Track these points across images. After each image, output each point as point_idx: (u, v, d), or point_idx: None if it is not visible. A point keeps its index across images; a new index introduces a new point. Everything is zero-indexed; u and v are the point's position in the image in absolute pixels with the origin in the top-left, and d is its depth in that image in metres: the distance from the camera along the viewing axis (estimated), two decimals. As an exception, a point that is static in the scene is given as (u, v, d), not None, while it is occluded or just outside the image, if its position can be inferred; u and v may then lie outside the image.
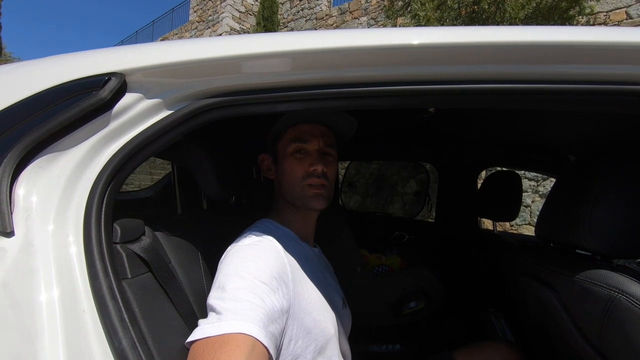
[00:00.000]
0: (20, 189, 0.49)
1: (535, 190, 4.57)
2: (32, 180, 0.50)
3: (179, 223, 0.81)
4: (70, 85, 0.55)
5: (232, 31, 11.43)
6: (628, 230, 0.69)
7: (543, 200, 4.45)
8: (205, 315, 0.58)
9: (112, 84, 0.55)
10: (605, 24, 5.52)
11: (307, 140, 0.79)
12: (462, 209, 1.92)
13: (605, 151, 0.77)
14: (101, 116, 0.55)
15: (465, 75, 0.57)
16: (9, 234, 0.47)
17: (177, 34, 13.47)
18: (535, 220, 0.93)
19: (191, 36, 12.51)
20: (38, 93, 0.54)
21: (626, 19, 5.48)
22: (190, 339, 0.53)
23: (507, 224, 4.42)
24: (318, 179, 0.77)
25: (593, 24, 5.19)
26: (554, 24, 4.18)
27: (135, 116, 0.57)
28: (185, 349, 0.53)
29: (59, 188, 0.51)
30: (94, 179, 0.54)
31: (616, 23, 5.49)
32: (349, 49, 0.56)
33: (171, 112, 0.59)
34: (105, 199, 0.54)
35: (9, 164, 0.49)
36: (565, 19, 4.26)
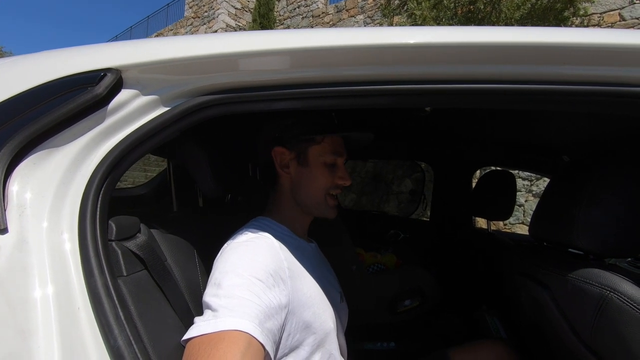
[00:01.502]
0: (14, 185, 0.49)
1: (529, 190, 4.61)
2: (26, 177, 0.50)
3: (175, 220, 0.80)
4: (65, 80, 0.54)
5: (228, 28, 11.37)
6: (621, 230, 0.70)
7: (536, 200, 4.49)
8: (201, 313, 0.58)
9: (108, 80, 0.54)
10: (599, 25, 5.57)
11: (341, 154, 0.82)
12: (457, 208, 1.93)
13: (599, 152, 0.78)
14: (97, 112, 0.54)
15: (461, 76, 0.58)
16: (3, 230, 0.46)
17: (172, 29, 13.36)
18: (528, 219, 0.94)
19: (186, 32, 12.41)
20: (32, 88, 0.54)
21: (619, 21, 5.54)
22: (186, 336, 0.53)
23: (501, 222, 4.46)
24: (339, 191, 0.82)
25: (587, 25, 5.23)
26: (548, 25, 4.21)
27: (131, 113, 0.57)
28: (182, 346, 0.53)
29: (53, 185, 0.51)
30: (89, 176, 0.53)
31: (609, 25, 5.54)
32: (346, 48, 0.56)
33: (168, 109, 0.59)
34: (100, 196, 0.53)
35: (3, 160, 0.48)
36: (560, 20, 4.29)
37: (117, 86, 0.55)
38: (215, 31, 11.17)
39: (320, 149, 0.80)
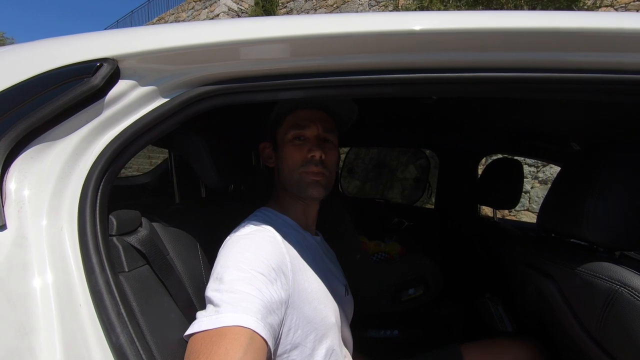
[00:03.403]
0: (12, 180, 0.48)
1: (535, 176, 4.57)
2: (24, 172, 0.49)
3: (177, 213, 0.79)
4: (60, 71, 0.52)
5: (230, 11, 11.16)
6: (632, 223, 0.69)
7: (543, 186, 4.45)
8: (204, 307, 0.57)
9: (104, 70, 0.52)
10: (611, 6, 5.39)
11: (306, 126, 0.78)
12: (462, 196, 1.91)
13: (609, 140, 0.76)
14: (94, 104, 0.53)
15: (469, 63, 0.55)
16: (1, 227, 0.45)
17: (173, 13, 13.15)
18: (534, 206, 0.92)
19: (188, 16, 12.22)
20: (27, 80, 0.52)
21: (634, 1, 5.36)
22: (188, 332, 0.53)
23: (506, 210, 4.43)
24: (316, 167, 0.76)
25: (599, 6, 5.07)
26: (559, 6, 4.08)
27: (130, 104, 0.55)
28: (185, 341, 0.53)
29: (51, 179, 0.50)
30: (87, 170, 0.52)
31: (623, 5, 5.36)
32: (351, 35, 0.54)
33: (167, 100, 0.57)
34: (100, 190, 0.52)
35: None
36: (571, 1, 4.16)
37: (114, 77, 0.54)
38: (217, 15, 10.99)
39: (283, 129, 0.80)
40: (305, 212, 0.84)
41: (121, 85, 0.55)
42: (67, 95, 0.51)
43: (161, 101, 0.57)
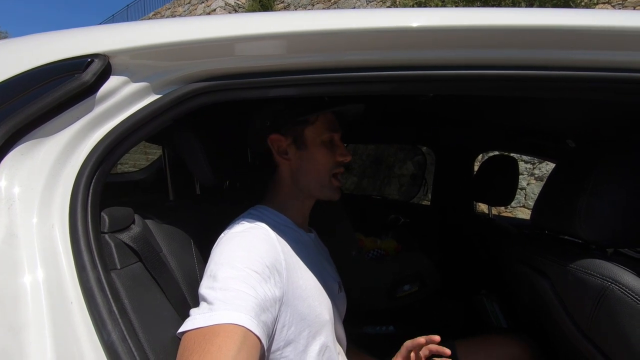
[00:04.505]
0: (1, 177, 0.47)
1: (531, 173, 4.58)
2: (14, 169, 0.48)
3: (171, 210, 0.79)
4: (50, 67, 0.52)
5: (227, 6, 11.08)
6: (624, 221, 0.69)
7: (538, 183, 4.46)
8: (197, 304, 0.57)
9: (95, 66, 0.52)
10: (609, 2, 5.39)
11: (337, 130, 0.80)
12: (458, 193, 1.92)
13: (605, 138, 0.76)
14: (84, 101, 0.52)
15: (466, 61, 0.55)
16: None
17: (169, 8, 13.04)
18: (530, 202, 0.92)
19: (184, 10, 12.12)
20: (17, 75, 0.52)
21: (631, -2, 5.35)
22: (181, 329, 0.52)
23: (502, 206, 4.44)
24: (341, 170, 0.81)
25: (597, 4, 5.07)
26: (557, 3, 4.08)
27: (121, 101, 0.54)
28: (177, 339, 0.53)
29: (42, 176, 0.49)
30: (79, 167, 0.52)
31: (620, 3, 5.36)
32: (345, 32, 0.54)
33: (159, 96, 0.56)
34: (91, 187, 0.52)
35: None
36: (568, -2, 4.15)
37: (105, 73, 0.53)
38: (214, 10, 10.91)
39: (315, 129, 0.79)
40: (301, 210, 0.84)
41: (112, 81, 0.54)
42: (57, 91, 0.50)
43: (153, 98, 0.56)
